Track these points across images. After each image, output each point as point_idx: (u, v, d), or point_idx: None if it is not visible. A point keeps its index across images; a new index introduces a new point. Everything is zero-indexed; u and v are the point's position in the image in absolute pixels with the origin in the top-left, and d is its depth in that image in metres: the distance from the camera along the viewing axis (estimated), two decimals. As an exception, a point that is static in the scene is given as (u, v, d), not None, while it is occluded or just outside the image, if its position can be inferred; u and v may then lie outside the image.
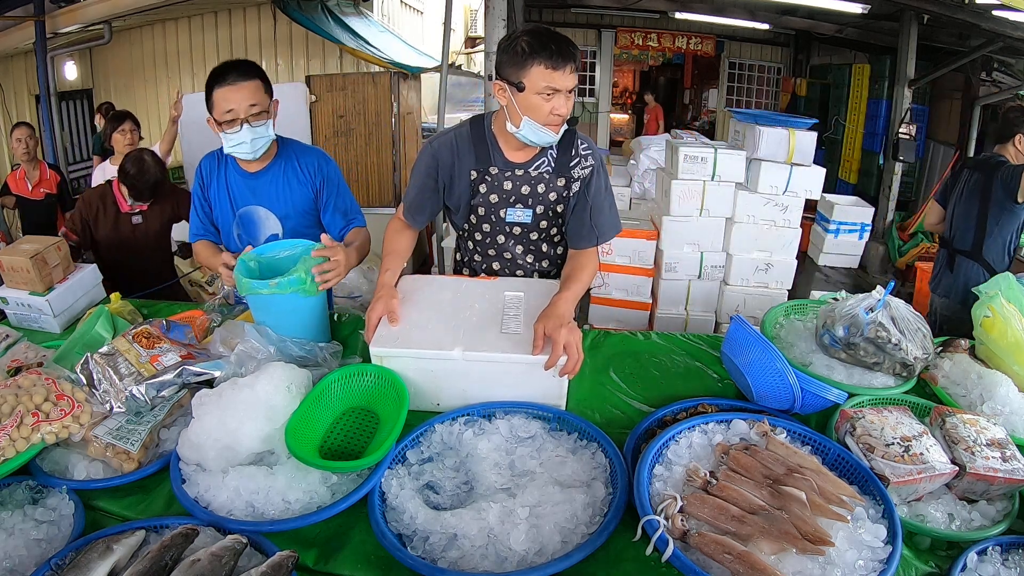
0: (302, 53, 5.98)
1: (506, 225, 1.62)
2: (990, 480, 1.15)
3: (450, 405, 1.39)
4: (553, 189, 1.57)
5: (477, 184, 1.58)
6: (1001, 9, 4.21)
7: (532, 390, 1.36)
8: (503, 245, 1.65)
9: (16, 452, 1.14)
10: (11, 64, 5.99)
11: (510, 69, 1.41)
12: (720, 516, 1.02)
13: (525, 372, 1.33)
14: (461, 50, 9.41)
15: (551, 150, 1.57)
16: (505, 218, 1.61)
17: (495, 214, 1.61)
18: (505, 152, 1.56)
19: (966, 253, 2.76)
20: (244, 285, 1.49)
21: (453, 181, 1.59)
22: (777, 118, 3.71)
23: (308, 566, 1.05)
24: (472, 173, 1.56)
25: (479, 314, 1.45)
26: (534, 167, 1.56)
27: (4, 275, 1.86)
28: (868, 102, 7.44)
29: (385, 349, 1.38)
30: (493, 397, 1.37)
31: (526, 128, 1.45)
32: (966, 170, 2.85)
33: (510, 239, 1.64)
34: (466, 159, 1.56)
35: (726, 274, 3.80)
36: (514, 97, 1.43)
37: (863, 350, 1.44)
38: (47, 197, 4.20)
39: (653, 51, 9.65)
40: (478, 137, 1.56)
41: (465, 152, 1.56)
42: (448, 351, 1.33)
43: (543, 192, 1.57)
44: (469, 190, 1.59)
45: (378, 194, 4.93)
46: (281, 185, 1.83)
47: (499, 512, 1.06)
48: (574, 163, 1.57)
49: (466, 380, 1.37)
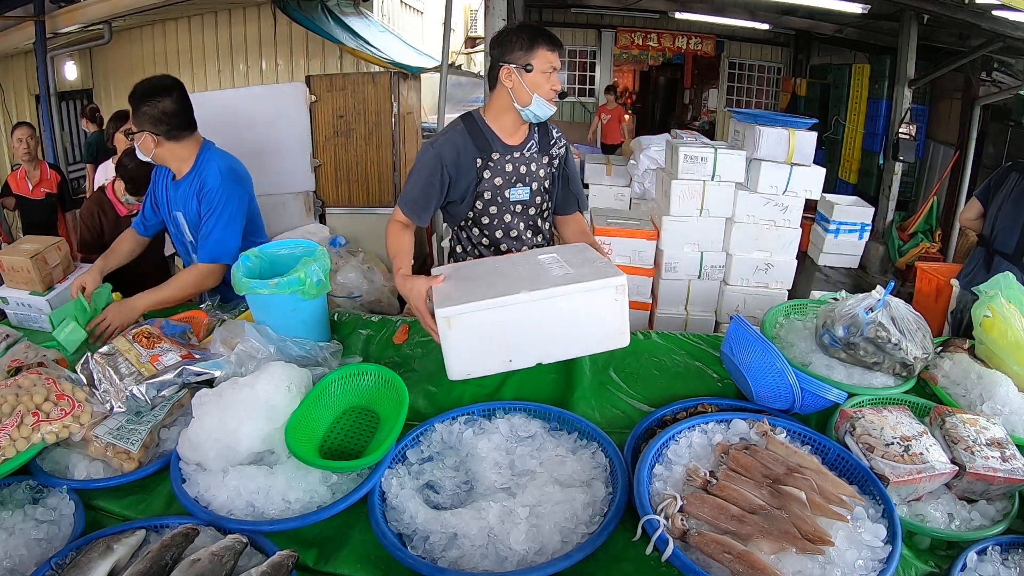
0: (302, 53, 5.97)
1: (511, 204, 1.77)
2: (990, 480, 1.15)
3: (523, 360, 1.39)
4: (541, 167, 1.79)
5: (482, 171, 1.72)
6: (1001, 9, 4.20)
7: (596, 328, 1.38)
8: (509, 224, 1.79)
9: (16, 452, 1.14)
10: (11, 64, 5.99)
11: (518, 53, 1.63)
12: (720, 516, 1.02)
13: (588, 305, 1.36)
14: (461, 50, 9.41)
15: (535, 132, 1.78)
16: (509, 197, 1.76)
17: (500, 195, 1.75)
18: (501, 138, 1.73)
19: (1007, 256, 2.73)
20: (244, 285, 1.49)
21: (459, 174, 1.71)
22: (777, 118, 3.70)
23: (308, 566, 1.05)
24: (477, 161, 1.71)
25: (526, 271, 1.46)
26: (526, 148, 1.76)
27: (4, 275, 1.86)
28: (868, 102, 7.44)
29: (452, 308, 1.32)
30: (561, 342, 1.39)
31: (535, 104, 1.66)
32: (1014, 172, 2.82)
33: (515, 217, 1.79)
34: (469, 151, 1.70)
35: (726, 274, 3.80)
36: (522, 78, 1.63)
37: (863, 350, 1.44)
38: (48, 197, 4.22)
39: (653, 51, 9.65)
40: (474, 130, 1.72)
41: (466, 145, 1.70)
42: (515, 295, 1.33)
43: (535, 170, 1.78)
44: (476, 178, 1.72)
45: (378, 194, 4.92)
46: (185, 196, 1.96)
47: (499, 512, 1.06)
48: (552, 143, 1.81)
49: (535, 327, 1.36)
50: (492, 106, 1.73)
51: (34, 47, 4.85)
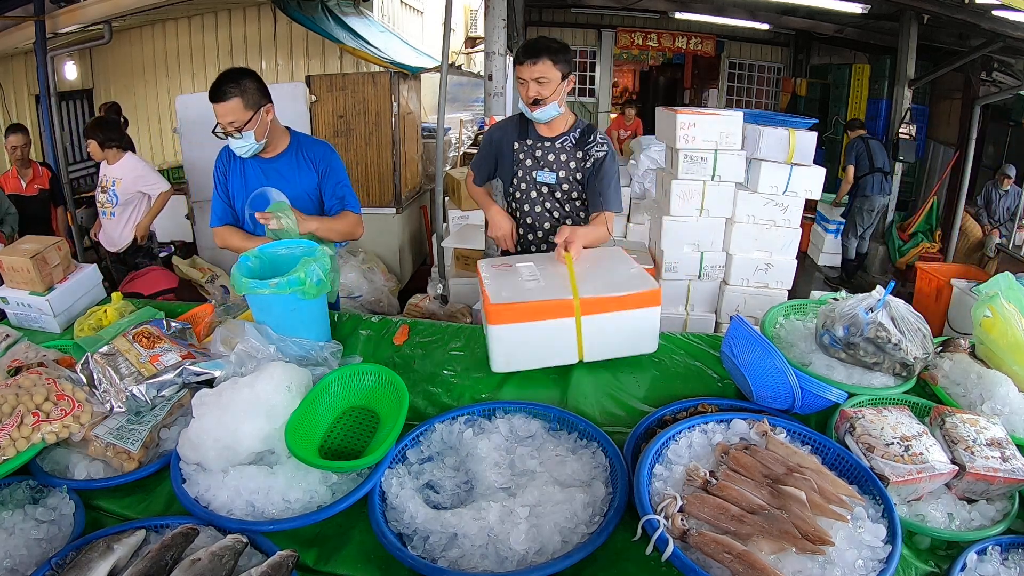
0: (302, 53, 5.97)
1: (537, 184, 2.12)
2: (990, 480, 1.15)
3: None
4: (572, 159, 2.09)
5: (519, 153, 2.12)
6: (1001, 9, 4.21)
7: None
8: (534, 199, 2.14)
9: (16, 452, 1.14)
10: (11, 64, 5.99)
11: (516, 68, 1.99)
12: (720, 516, 1.02)
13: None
14: (461, 50, 9.39)
15: (573, 133, 2.10)
16: (536, 178, 2.12)
17: (529, 175, 2.12)
18: (538, 130, 2.10)
19: None
20: (244, 285, 1.49)
21: (502, 153, 2.17)
22: (777, 118, 3.71)
23: (308, 565, 1.05)
24: (515, 144, 2.12)
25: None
26: (559, 142, 2.09)
27: (4, 275, 1.86)
28: (868, 102, 7.44)
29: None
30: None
31: (522, 107, 2.03)
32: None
33: (540, 196, 2.14)
34: (511, 135, 2.14)
35: (726, 274, 3.80)
36: (519, 88, 2.00)
37: (863, 350, 1.44)
38: (41, 192, 4.33)
39: (653, 51, 9.64)
40: (522, 120, 2.13)
41: (511, 131, 2.14)
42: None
43: (565, 160, 2.09)
44: (513, 157, 2.14)
45: (378, 194, 4.91)
46: (290, 170, 2.05)
47: (499, 511, 1.06)
48: (590, 144, 2.09)
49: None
50: None
51: (34, 47, 4.84)
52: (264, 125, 1.90)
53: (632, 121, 7.34)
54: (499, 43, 3.47)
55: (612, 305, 1.53)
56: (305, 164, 2.05)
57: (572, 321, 1.52)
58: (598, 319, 1.53)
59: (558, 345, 1.55)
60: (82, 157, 6.56)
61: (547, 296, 1.52)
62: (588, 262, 1.74)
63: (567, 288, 1.56)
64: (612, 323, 1.54)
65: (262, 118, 1.89)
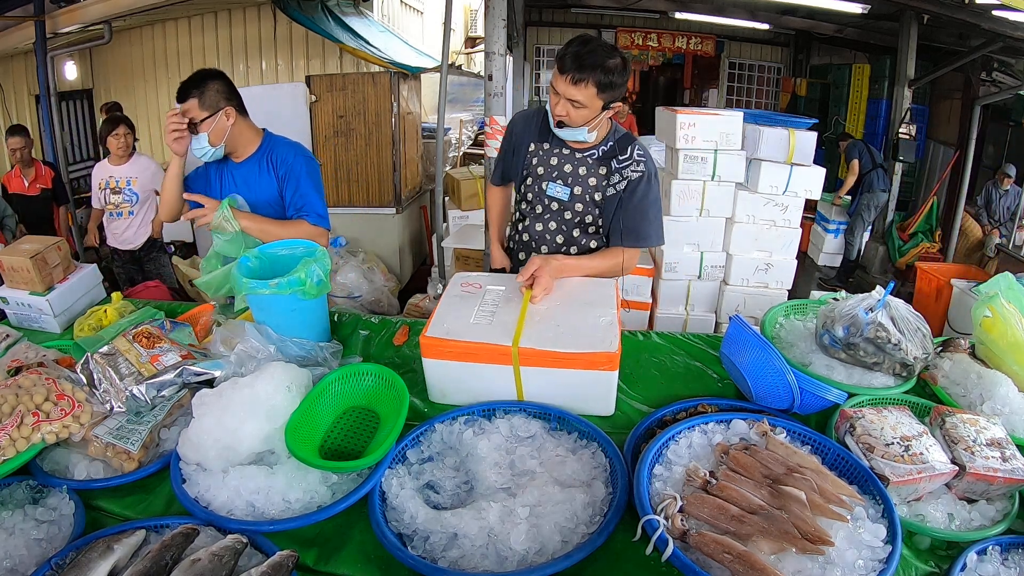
0: (302, 53, 5.97)
1: (545, 198, 1.78)
2: (990, 480, 1.15)
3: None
4: (594, 175, 1.71)
5: (532, 156, 1.78)
6: (1001, 9, 4.21)
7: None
8: (539, 214, 1.80)
9: (16, 452, 1.14)
10: (11, 64, 5.99)
11: None
12: (720, 516, 1.02)
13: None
14: (461, 50, 9.39)
15: (605, 144, 1.72)
16: (546, 191, 1.77)
17: (538, 185, 1.78)
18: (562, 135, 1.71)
19: None
20: (244, 285, 1.49)
21: (518, 149, 1.83)
22: (777, 118, 3.71)
23: (308, 566, 1.05)
24: (531, 146, 1.78)
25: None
26: (582, 152, 1.72)
27: (4, 275, 1.86)
28: (868, 102, 7.44)
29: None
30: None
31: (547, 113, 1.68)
32: None
33: (547, 212, 1.79)
34: (531, 132, 1.79)
35: (726, 274, 3.80)
36: (550, 95, 1.63)
37: (863, 350, 1.44)
38: (43, 192, 4.36)
39: (653, 51, 9.63)
40: (547, 118, 1.71)
41: (533, 126, 1.80)
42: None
43: (584, 175, 1.72)
44: (526, 160, 1.80)
45: (378, 194, 4.91)
46: (253, 176, 1.96)
47: (499, 512, 1.06)
48: (625, 162, 1.70)
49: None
50: None
51: (34, 47, 4.84)
52: (222, 129, 1.84)
53: (625, 118, 7.33)
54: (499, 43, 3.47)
55: (554, 361, 1.32)
56: (267, 169, 1.95)
57: (510, 369, 1.35)
58: (538, 372, 1.34)
59: (495, 388, 1.39)
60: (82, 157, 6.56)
61: (484, 339, 1.35)
62: (557, 300, 1.52)
63: (510, 333, 1.36)
64: (555, 379, 1.34)
65: (220, 121, 1.82)
